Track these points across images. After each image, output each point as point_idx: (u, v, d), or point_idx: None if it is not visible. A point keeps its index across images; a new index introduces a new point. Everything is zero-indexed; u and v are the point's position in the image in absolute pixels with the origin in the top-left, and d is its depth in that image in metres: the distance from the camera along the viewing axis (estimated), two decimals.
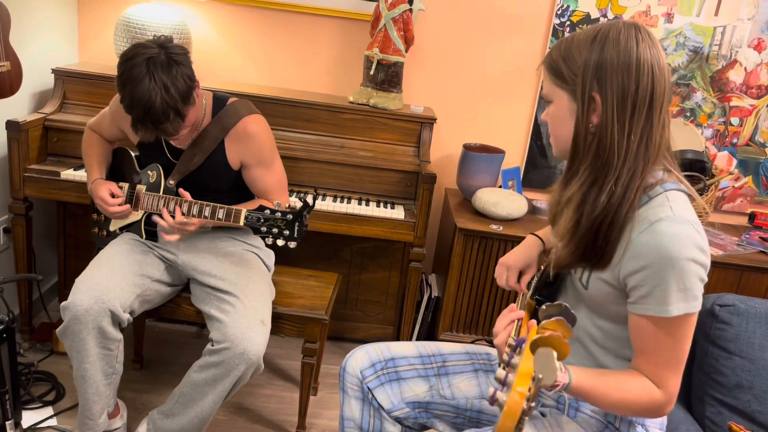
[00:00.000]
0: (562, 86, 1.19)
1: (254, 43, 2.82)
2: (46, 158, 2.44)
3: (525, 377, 0.88)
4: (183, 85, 1.70)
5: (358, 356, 1.51)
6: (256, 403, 2.36)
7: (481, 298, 2.54)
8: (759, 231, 2.79)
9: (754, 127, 2.86)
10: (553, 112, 1.23)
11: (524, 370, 0.89)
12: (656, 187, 1.17)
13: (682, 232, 1.10)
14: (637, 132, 1.14)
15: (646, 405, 1.17)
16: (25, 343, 2.45)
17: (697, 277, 1.12)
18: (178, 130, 1.77)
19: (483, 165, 2.64)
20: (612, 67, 1.13)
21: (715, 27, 2.74)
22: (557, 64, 1.19)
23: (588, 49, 1.15)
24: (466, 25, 2.79)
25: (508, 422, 0.85)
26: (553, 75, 1.20)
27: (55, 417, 2.12)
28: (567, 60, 1.17)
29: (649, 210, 1.14)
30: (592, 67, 1.14)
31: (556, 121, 1.22)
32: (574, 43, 1.18)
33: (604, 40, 1.14)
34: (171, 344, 2.64)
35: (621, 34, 1.14)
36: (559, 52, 1.20)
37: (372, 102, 2.58)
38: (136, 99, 1.67)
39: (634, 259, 1.13)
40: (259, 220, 1.69)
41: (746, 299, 1.79)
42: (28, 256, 2.40)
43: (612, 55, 1.13)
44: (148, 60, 1.68)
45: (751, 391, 1.72)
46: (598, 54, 1.14)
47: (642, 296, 1.14)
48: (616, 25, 1.16)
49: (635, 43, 1.13)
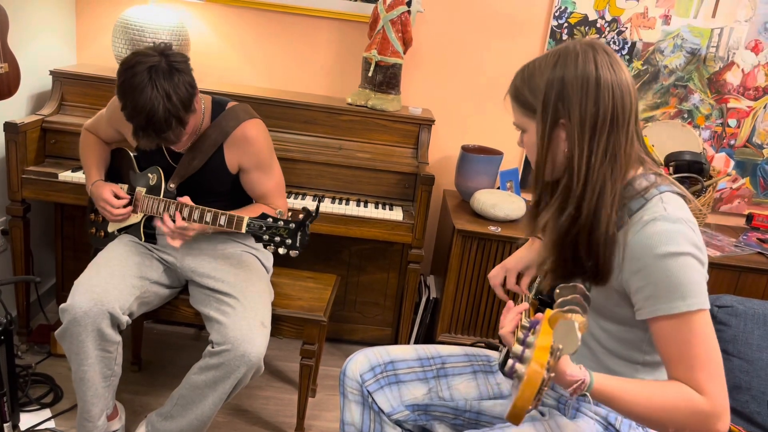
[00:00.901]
0: (529, 115, 1.21)
1: (252, 45, 2.82)
2: (44, 160, 2.43)
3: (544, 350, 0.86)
4: (185, 93, 1.70)
5: (357, 360, 1.51)
6: (255, 404, 2.35)
7: (480, 299, 2.54)
8: (756, 232, 2.80)
9: (751, 129, 2.87)
10: (527, 140, 1.24)
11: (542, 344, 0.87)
12: (651, 190, 1.17)
13: (676, 230, 1.11)
14: (598, 153, 1.14)
15: (688, 413, 1.08)
16: (22, 345, 2.44)
17: (697, 272, 1.11)
18: (179, 137, 1.77)
19: (481, 166, 2.64)
20: (573, 93, 1.14)
21: (712, 29, 2.75)
22: (523, 95, 1.21)
23: (549, 77, 1.16)
24: (465, 26, 2.80)
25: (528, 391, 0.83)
26: (521, 105, 1.22)
27: (53, 419, 2.11)
28: (532, 89, 1.19)
29: (644, 212, 1.15)
30: (555, 96, 1.15)
31: (531, 148, 1.23)
32: (536, 71, 1.19)
33: (564, 66, 1.15)
34: (169, 346, 2.63)
35: (579, 59, 1.14)
36: (522, 80, 1.21)
37: (370, 103, 2.59)
38: (138, 108, 1.66)
39: (632, 260, 1.14)
40: (261, 228, 1.69)
41: (744, 300, 1.80)
42: (25, 257, 2.40)
43: (572, 81, 1.14)
44: (150, 68, 1.67)
45: (749, 392, 1.73)
46: (559, 83, 1.14)
47: (647, 297, 1.13)
48: (573, 49, 1.16)
49: (594, 66, 1.14)
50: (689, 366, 1.10)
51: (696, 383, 1.09)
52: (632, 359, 1.26)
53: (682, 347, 1.11)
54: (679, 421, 1.09)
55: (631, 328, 1.23)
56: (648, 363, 1.26)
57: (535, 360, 0.85)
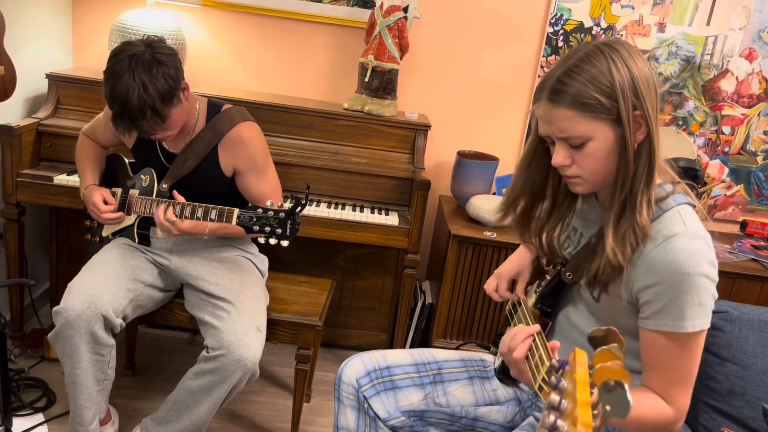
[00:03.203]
0: (599, 118, 1.12)
1: (249, 50, 2.83)
2: (39, 163, 2.42)
3: (586, 407, 0.78)
4: (163, 85, 1.71)
5: (353, 365, 1.50)
6: (249, 410, 2.34)
7: (475, 304, 2.54)
8: (751, 239, 2.81)
9: (745, 136, 2.88)
10: (596, 149, 1.14)
11: (583, 399, 0.79)
12: (668, 200, 1.17)
13: (696, 248, 1.11)
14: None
15: (657, 422, 1.16)
16: (16, 349, 2.43)
17: (710, 294, 1.13)
18: (155, 129, 1.77)
19: (477, 172, 2.65)
20: (641, 80, 1.12)
21: (707, 36, 2.76)
22: (588, 96, 1.11)
23: (615, 71, 1.11)
24: (461, 32, 2.81)
25: None
26: (585, 109, 1.11)
27: (46, 424, 2.10)
28: (599, 88, 1.11)
29: (661, 224, 1.15)
30: (629, 88, 1.11)
31: (600, 156, 1.14)
32: (593, 69, 1.12)
33: (624, 60, 1.12)
34: (163, 351, 2.62)
35: (631, 50, 1.14)
36: (582, 83, 1.11)
37: (366, 109, 2.59)
38: (114, 94, 1.69)
39: (648, 273, 1.13)
40: (252, 219, 1.69)
41: (739, 306, 1.81)
42: (20, 261, 2.38)
43: (637, 72, 1.12)
44: (132, 57, 1.69)
45: (744, 398, 1.73)
46: (627, 74, 1.11)
47: (656, 311, 1.14)
48: (619, 42, 1.15)
49: (643, 62, 1.15)
50: (668, 378, 1.16)
51: (669, 396, 1.16)
52: (632, 368, 1.26)
53: (670, 362, 1.15)
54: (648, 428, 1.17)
55: (636, 339, 1.23)
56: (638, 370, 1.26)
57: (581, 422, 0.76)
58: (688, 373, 1.15)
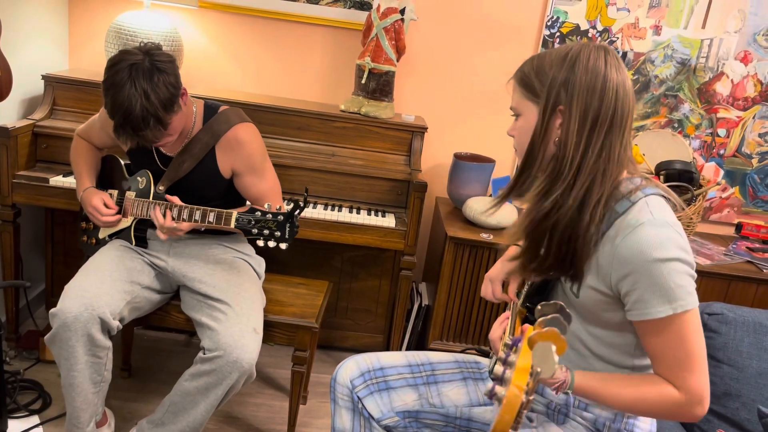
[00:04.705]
0: (531, 99, 1.23)
1: (246, 51, 2.83)
2: (35, 164, 2.42)
3: (523, 372, 0.87)
4: (165, 93, 1.70)
5: (348, 366, 1.51)
6: (246, 411, 2.34)
7: (472, 306, 2.54)
8: (746, 241, 2.82)
9: (740, 139, 2.89)
10: (521, 125, 1.26)
11: (522, 365, 0.88)
12: (636, 193, 1.20)
13: (665, 235, 1.13)
14: (595, 148, 1.17)
15: (663, 403, 1.16)
16: (11, 350, 2.42)
17: (686, 274, 1.14)
18: (158, 137, 1.77)
19: (473, 174, 2.65)
20: (579, 85, 1.17)
21: (702, 39, 2.77)
22: (529, 78, 1.23)
23: (558, 66, 1.19)
24: (458, 35, 2.81)
25: (507, 415, 0.84)
26: (524, 88, 1.24)
27: (42, 426, 2.09)
28: (539, 74, 1.21)
29: (630, 215, 1.17)
30: (561, 83, 1.18)
31: (523, 133, 1.25)
32: (546, 59, 1.22)
33: (575, 60, 1.18)
34: (159, 352, 2.62)
35: (591, 55, 1.18)
36: (531, 66, 1.24)
37: (363, 111, 2.59)
38: (116, 105, 1.68)
39: (621, 265, 1.16)
40: (250, 222, 1.69)
41: (734, 308, 1.81)
42: (15, 263, 2.38)
43: (581, 74, 1.17)
44: (131, 66, 1.68)
45: (740, 399, 1.73)
46: (567, 72, 1.18)
47: (636, 301, 1.16)
48: (587, 46, 1.20)
49: (603, 64, 1.18)
50: (670, 365, 1.16)
51: (675, 380, 1.16)
52: (622, 364, 1.27)
53: (666, 348, 1.16)
54: (657, 412, 1.19)
55: (621, 333, 1.25)
56: (637, 367, 1.28)
57: (515, 383, 0.86)
58: (689, 355, 1.15)
